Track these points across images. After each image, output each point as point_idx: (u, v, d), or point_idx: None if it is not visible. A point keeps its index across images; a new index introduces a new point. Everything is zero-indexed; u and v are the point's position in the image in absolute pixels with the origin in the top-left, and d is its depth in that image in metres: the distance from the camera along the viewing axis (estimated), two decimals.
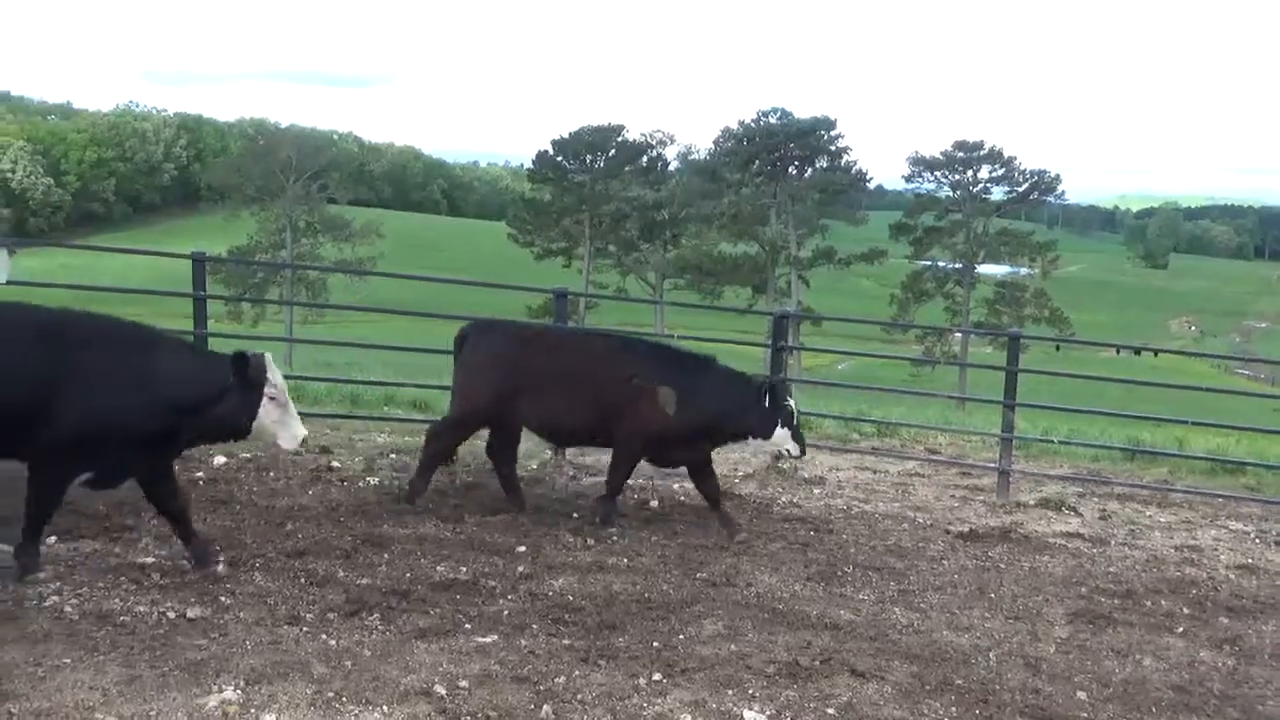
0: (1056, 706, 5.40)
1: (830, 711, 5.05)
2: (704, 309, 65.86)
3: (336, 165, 74.39)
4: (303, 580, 6.34)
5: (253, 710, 4.61)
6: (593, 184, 66.74)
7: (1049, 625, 6.80)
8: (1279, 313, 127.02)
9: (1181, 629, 6.93)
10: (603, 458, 8.86)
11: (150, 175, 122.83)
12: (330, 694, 4.78)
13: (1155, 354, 71.60)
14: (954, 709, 5.24)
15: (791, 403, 8.20)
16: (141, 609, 5.69)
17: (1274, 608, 7.59)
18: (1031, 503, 10.15)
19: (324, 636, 5.50)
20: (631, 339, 9.22)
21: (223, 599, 5.93)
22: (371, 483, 8.86)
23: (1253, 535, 9.69)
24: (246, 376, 5.98)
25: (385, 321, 57.16)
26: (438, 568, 6.82)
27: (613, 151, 68.52)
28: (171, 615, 5.63)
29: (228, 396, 5.97)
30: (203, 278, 10.30)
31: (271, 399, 6.06)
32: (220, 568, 6.36)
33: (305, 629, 5.59)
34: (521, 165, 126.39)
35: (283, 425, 6.17)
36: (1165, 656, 6.38)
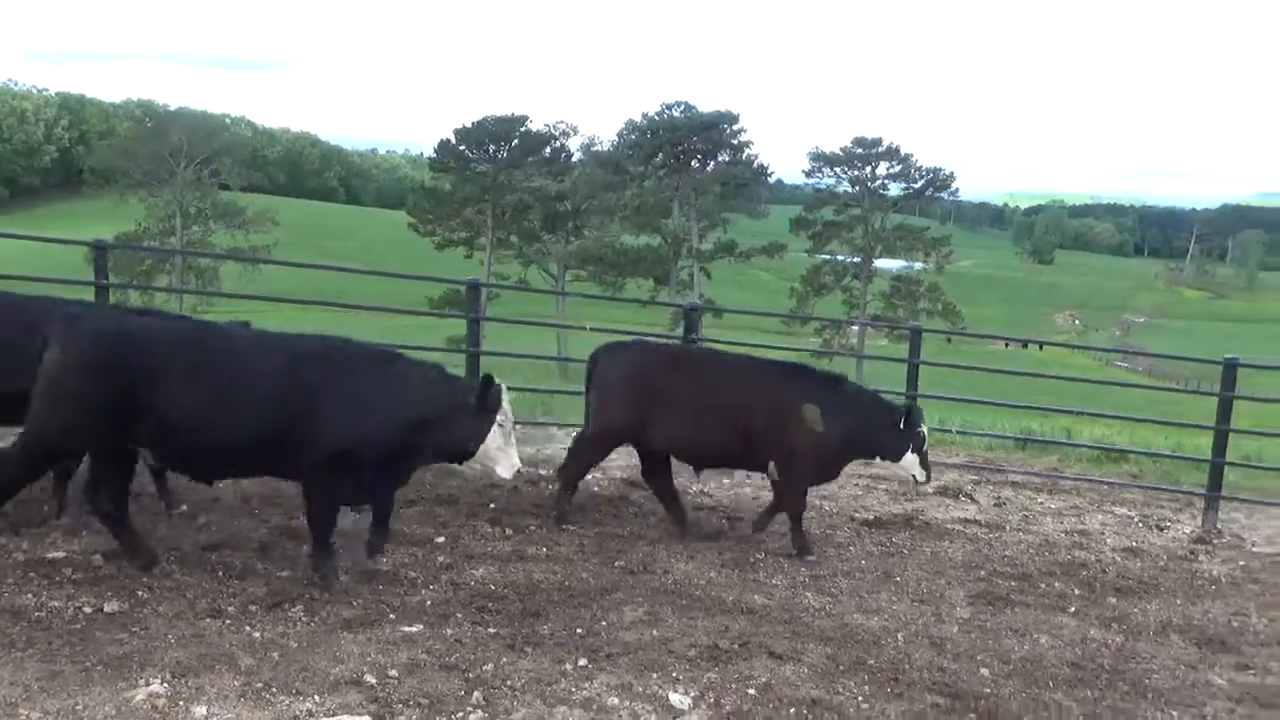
0: (962, 683, 5.68)
1: (751, 692, 5.24)
2: (607, 300, 65.98)
3: (229, 150, 72.10)
4: (221, 573, 6.30)
5: (181, 703, 4.59)
6: (495, 174, 66.15)
7: (951, 607, 7.12)
8: (1156, 308, 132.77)
9: (1073, 609, 7.32)
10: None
11: (29, 157, 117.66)
12: (259, 685, 4.79)
13: (1041, 347, 74.29)
14: (867, 688, 5.48)
15: (924, 430, 8.18)
16: (56, 604, 5.60)
17: (1156, 587, 8.05)
18: (931, 491, 10.50)
19: (247, 629, 5.49)
20: (770, 360, 8.88)
21: (140, 593, 5.87)
22: None
23: (1136, 520, 10.22)
24: (485, 401, 6.25)
25: (275, 311, 55.91)
26: (357, 559, 6.82)
27: (516, 141, 67.98)
28: (88, 610, 5.56)
29: (462, 419, 6.26)
30: (104, 265, 10.06)
31: (500, 426, 6.31)
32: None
33: (228, 621, 5.57)
34: (421, 154, 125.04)
35: (504, 453, 6.41)
36: (1060, 635, 6.74)
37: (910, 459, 8.04)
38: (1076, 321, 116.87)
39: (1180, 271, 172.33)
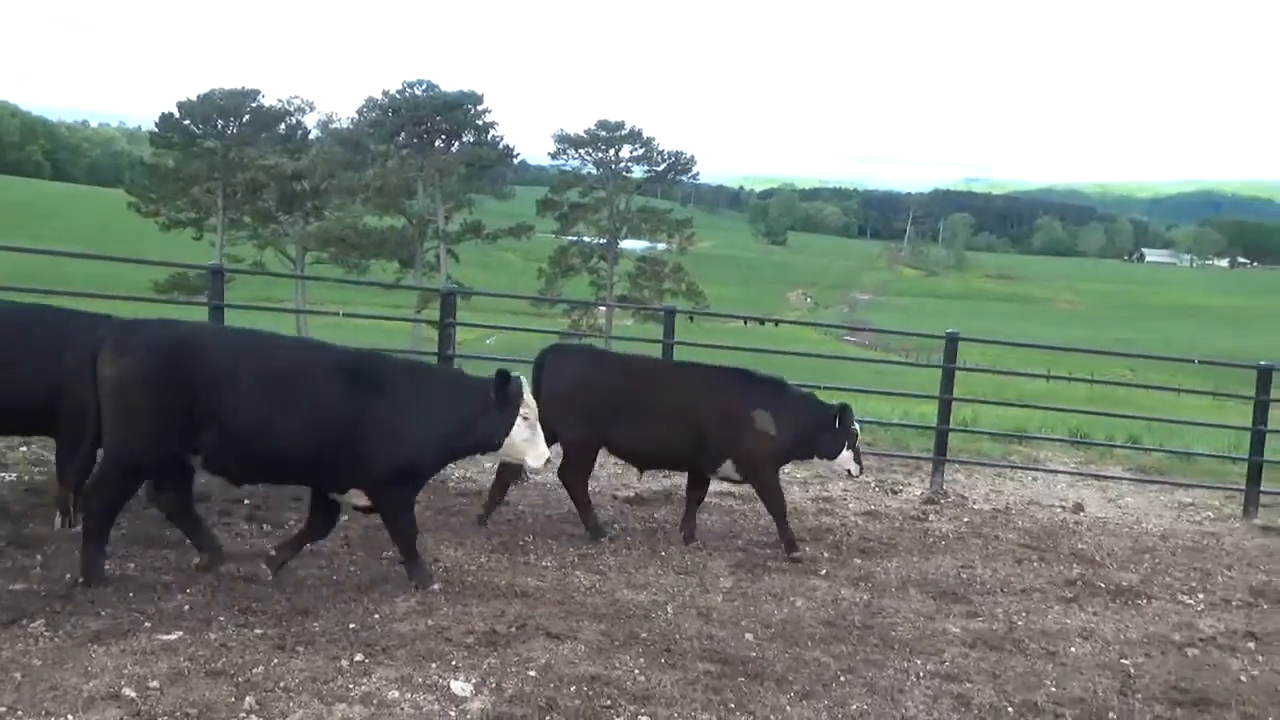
0: (730, 649, 5.96)
1: (531, 674, 5.29)
2: (350, 284, 64.01)
3: None
4: None
5: None
6: (225, 151, 62.83)
7: (715, 577, 7.43)
8: (879, 286, 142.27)
9: (824, 571, 7.80)
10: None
11: None
12: (2, 709, 4.40)
13: (776, 324, 78.10)
14: (642, 660, 5.65)
15: (856, 427, 8.42)
16: None
17: (895, 547, 8.70)
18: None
19: None
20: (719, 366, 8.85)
21: None
22: (6, 479, 8.08)
23: (873, 485, 10.97)
24: (506, 396, 6.38)
25: None
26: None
27: (247, 117, 64.80)
28: None
29: (488, 414, 6.42)
30: None
31: (524, 419, 6.44)
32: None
33: None
34: (141, 127, 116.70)
35: (531, 444, 6.57)
36: (813, 596, 7.18)
37: (846, 455, 8.34)
38: (808, 299, 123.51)
39: (899, 251, 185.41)
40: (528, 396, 6.52)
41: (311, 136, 68.15)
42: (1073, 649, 6.62)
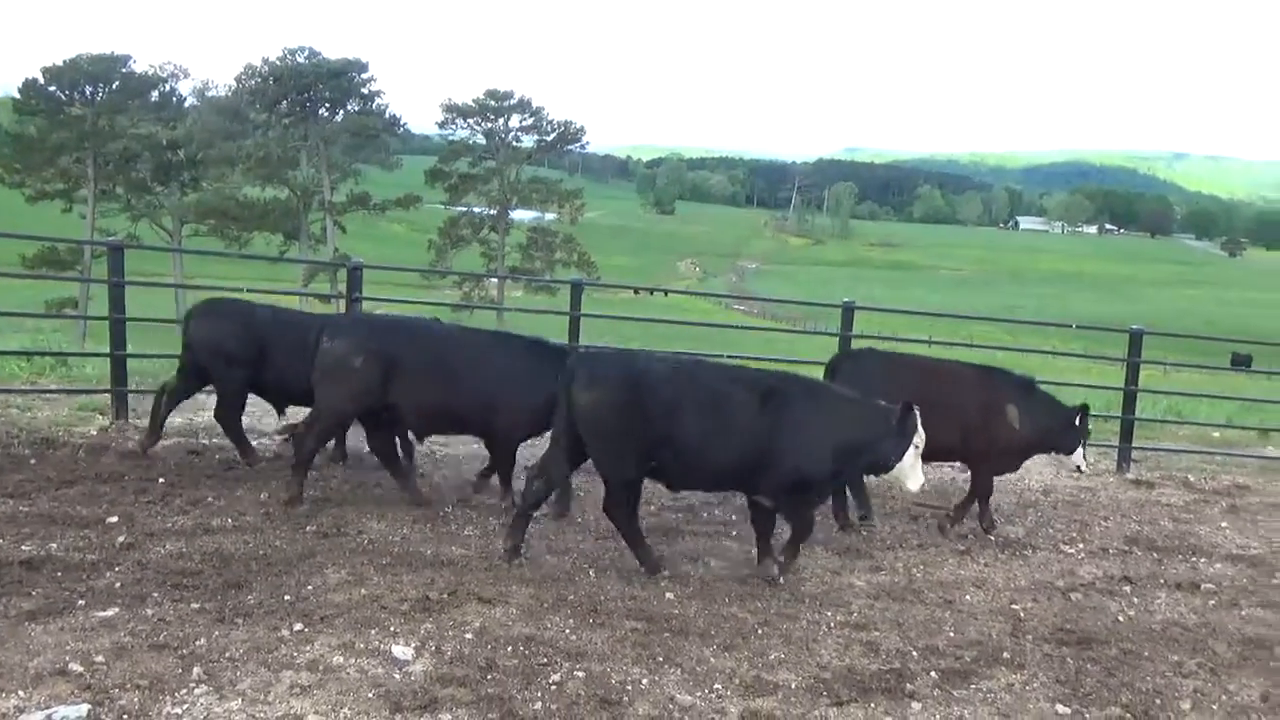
0: (653, 607, 6.25)
1: (468, 636, 5.50)
2: (232, 257, 62.27)
3: None
4: None
5: None
6: (95, 119, 60.22)
7: None
8: (766, 254, 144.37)
9: (735, 533, 8.13)
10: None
11: None
12: None
13: (666, 294, 78.85)
14: (572, 620, 5.90)
15: (1090, 426, 8.96)
16: None
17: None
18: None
19: None
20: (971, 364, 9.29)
21: None
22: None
23: None
24: (905, 426, 6.93)
25: None
26: (22, 547, 6.37)
27: (116, 83, 62.14)
28: None
29: (887, 441, 6.98)
30: None
31: (915, 448, 7.02)
32: None
33: None
34: (2, 94, 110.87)
35: (913, 471, 7.11)
36: (727, 557, 7.52)
37: (1079, 453, 8.86)
38: (697, 268, 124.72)
39: (785, 220, 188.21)
40: (920, 429, 7.03)
41: (187, 105, 65.79)
42: (968, 597, 7.10)
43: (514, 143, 65.57)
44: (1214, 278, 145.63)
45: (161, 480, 8.06)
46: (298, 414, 8.72)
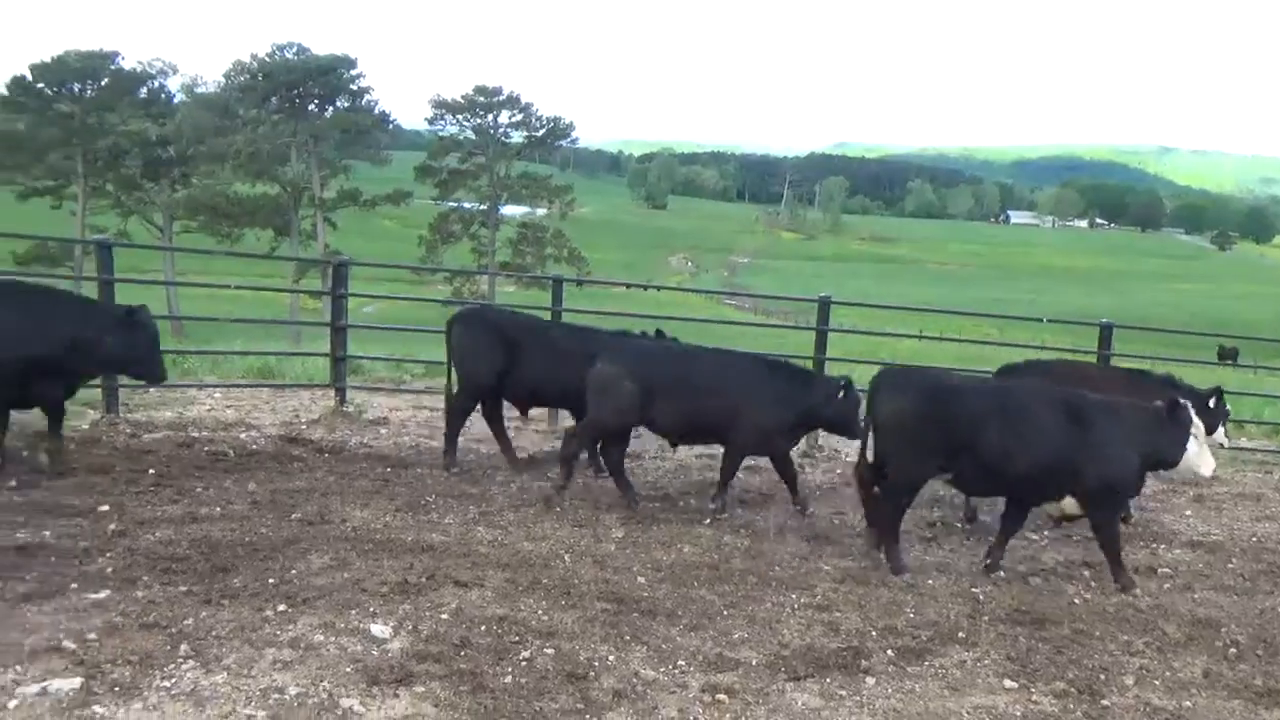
0: (624, 590, 6.51)
1: (444, 616, 5.77)
2: (224, 254, 62.19)
3: None
4: None
5: None
6: (84, 115, 60.19)
7: (607, 529, 7.97)
8: (757, 249, 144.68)
9: (708, 520, 8.40)
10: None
11: None
12: None
13: (659, 289, 79.13)
14: (544, 602, 6.17)
15: (1229, 407, 9.67)
16: None
17: (773, 497, 9.35)
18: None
19: None
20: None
21: None
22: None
23: None
24: (1178, 419, 7.50)
25: None
26: (16, 534, 6.61)
27: (105, 80, 62.10)
28: None
29: (1166, 435, 7.49)
30: None
31: (1194, 437, 7.48)
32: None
33: None
34: None
35: (1201, 457, 7.62)
36: (699, 543, 7.78)
37: (1217, 433, 9.34)
38: (689, 264, 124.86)
39: (777, 215, 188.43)
40: (1195, 418, 7.57)
41: (176, 101, 65.73)
42: (930, 581, 7.36)
43: (503, 138, 65.71)
44: (1204, 272, 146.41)
45: (151, 471, 8.31)
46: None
